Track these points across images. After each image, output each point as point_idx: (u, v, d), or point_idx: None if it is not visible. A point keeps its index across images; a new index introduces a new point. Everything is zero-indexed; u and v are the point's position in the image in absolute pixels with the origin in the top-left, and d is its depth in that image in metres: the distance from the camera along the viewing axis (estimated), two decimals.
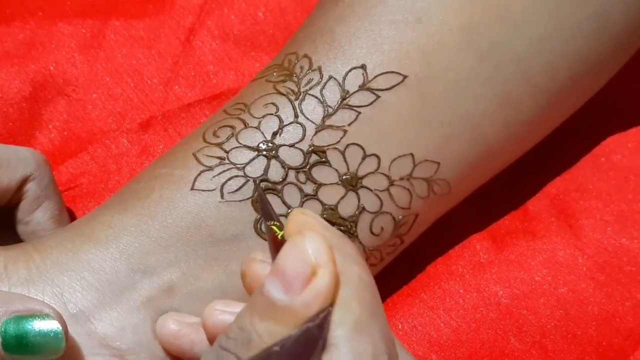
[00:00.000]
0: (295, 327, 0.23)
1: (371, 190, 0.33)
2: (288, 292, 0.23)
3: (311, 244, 0.23)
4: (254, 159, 0.32)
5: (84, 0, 0.43)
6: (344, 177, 0.33)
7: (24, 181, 0.33)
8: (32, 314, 0.28)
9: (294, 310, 0.23)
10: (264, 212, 0.29)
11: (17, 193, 0.33)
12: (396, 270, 0.36)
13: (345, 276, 0.24)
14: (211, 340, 0.28)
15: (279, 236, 0.26)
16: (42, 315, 0.28)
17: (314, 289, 0.23)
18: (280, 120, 0.33)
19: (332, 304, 0.23)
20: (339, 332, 0.23)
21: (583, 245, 0.37)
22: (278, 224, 0.27)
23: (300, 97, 0.33)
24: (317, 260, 0.23)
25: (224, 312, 0.28)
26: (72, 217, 0.39)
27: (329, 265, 0.23)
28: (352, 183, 0.33)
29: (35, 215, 0.34)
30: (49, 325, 0.28)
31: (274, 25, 0.44)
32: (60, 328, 0.28)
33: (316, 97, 0.33)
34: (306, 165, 0.32)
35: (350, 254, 0.25)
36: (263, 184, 0.32)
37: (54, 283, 0.30)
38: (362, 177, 0.33)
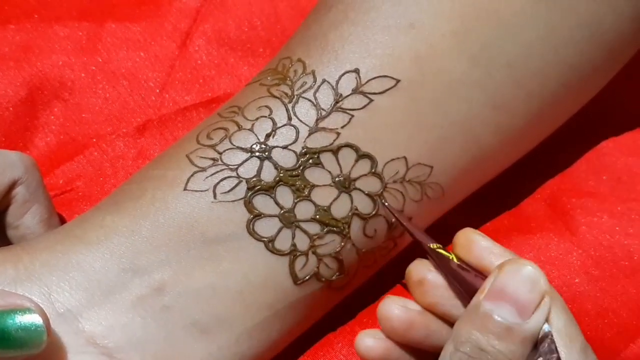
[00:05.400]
0: (530, 344, 0.28)
1: (364, 192, 0.33)
2: (521, 316, 0.28)
3: (539, 273, 0.28)
4: (246, 160, 0.32)
5: (80, 3, 0.43)
6: (336, 179, 0.33)
7: (13, 185, 0.33)
8: (13, 309, 0.28)
9: (528, 331, 0.28)
10: (418, 237, 0.32)
11: (5, 197, 0.33)
12: (390, 268, 0.36)
13: (558, 305, 0.29)
14: (392, 337, 0.31)
15: (452, 258, 0.31)
16: (24, 310, 0.28)
17: (543, 312, 0.28)
18: (274, 123, 0.33)
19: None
20: (572, 355, 0.28)
21: (578, 240, 0.37)
22: (440, 245, 0.32)
23: (294, 100, 0.33)
24: (544, 287, 0.28)
25: (406, 310, 0.31)
26: (67, 220, 0.39)
27: (549, 289, 0.28)
28: (345, 185, 0.33)
29: (24, 219, 0.34)
30: (30, 319, 0.28)
31: (270, 31, 0.44)
32: (42, 322, 0.28)
33: (310, 100, 0.33)
34: (299, 167, 0.32)
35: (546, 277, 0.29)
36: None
37: (41, 283, 0.30)
38: (355, 179, 0.33)
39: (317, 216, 0.32)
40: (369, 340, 0.31)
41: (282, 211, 0.32)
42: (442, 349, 0.30)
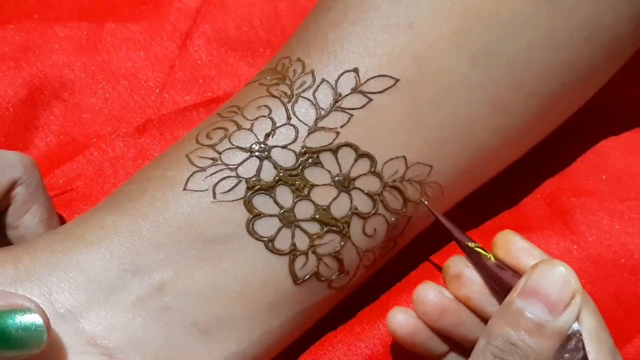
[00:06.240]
0: (558, 340, 0.29)
1: (364, 191, 0.33)
2: (552, 314, 0.29)
3: (571, 273, 0.29)
4: (246, 159, 0.32)
5: (80, 3, 0.43)
6: (336, 178, 0.33)
7: (12, 185, 0.33)
8: (14, 309, 0.28)
9: (557, 328, 0.29)
10: (457, 237, 0.33)
11: (5, 197, 0.33)
12: (389, 267, 0.36)
13: (589, 307, 0.30)
14: (424, 319, 0.33)
15: (490, 258, 0.32)
16: (24, 310, 0.28)
17: (574, 311, 0.29)
18: (273, 122, 0.33)
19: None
20: (599, 357, 0.29)
21: (577, 239, 0.37)
22: (478, 244, 0.33)
23: (293, 99, 0.33)
24: (575, 286, 0.29)
25: (441, 296, 0.32)
26: (67, 220, 0.39)
27: (581, 290, 0.29)
28: (344, 184, 0.33)
29: (24, 219, 0.34)
30: (31, 318, 0.28)
31: (270, 31, 0.44)
32: (42, 321, 0.28)
33: (309, 100, 0.33)
34: (299, 166, 0.32)
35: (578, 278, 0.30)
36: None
37: (42, 283, 0.30)
38: (354, 179, 0.33)
39: (317, 216, 0.32)
40: (401, 316, 0.32)
41: (281, 211, 0.32)
42: (470, 341, 0.31)
